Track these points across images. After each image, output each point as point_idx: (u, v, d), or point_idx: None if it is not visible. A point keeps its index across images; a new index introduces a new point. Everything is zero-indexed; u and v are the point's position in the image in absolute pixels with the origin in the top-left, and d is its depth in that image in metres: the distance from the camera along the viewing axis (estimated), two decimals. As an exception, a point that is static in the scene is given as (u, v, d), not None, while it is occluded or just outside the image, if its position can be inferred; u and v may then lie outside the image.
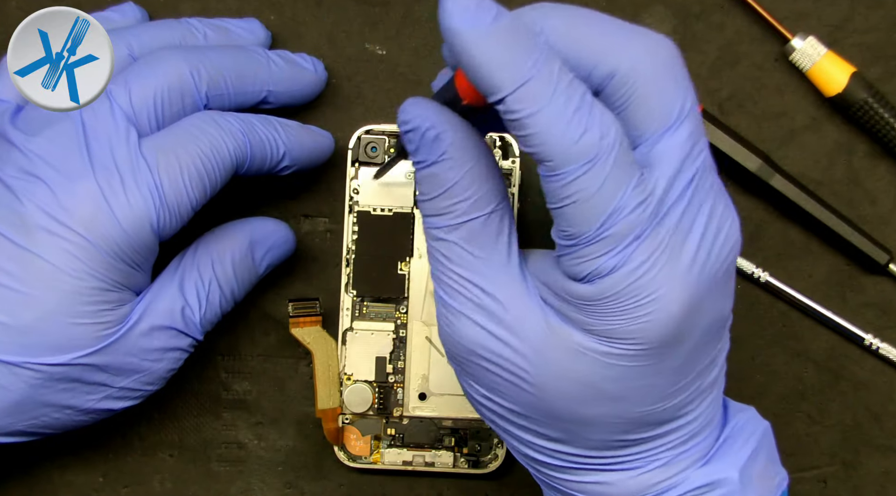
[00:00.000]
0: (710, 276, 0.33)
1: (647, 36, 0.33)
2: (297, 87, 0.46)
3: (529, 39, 0.31)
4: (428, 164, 0.34)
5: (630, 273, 0.32)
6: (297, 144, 0.45)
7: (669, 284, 0.32)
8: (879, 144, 0.48)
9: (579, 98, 0.31)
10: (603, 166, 0.31)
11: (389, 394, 0.47)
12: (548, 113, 0.31)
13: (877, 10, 0.48)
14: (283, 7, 0.49)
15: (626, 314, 0.32)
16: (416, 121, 0.34)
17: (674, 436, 0.36)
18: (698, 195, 0.33)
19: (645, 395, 0.34)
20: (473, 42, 0.31)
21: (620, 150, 0.31)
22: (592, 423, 0.35)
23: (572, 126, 0.31)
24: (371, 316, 0.48)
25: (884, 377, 0.48)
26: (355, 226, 0.47)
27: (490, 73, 0.31)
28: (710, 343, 0.35)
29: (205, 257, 0.44)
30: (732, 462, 0.36)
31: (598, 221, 0.32)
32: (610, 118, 0.32)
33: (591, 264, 0.32)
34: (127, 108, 0.41)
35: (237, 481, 0.49)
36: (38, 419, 0.41)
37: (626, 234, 0.32)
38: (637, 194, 0.32)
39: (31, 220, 0.39)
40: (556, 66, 0.31)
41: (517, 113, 0.31)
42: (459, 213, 0.34)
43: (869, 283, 0.48)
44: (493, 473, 0.47)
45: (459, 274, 0.35)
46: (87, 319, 0.40)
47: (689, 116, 0.33)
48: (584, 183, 0.31)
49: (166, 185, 0.40)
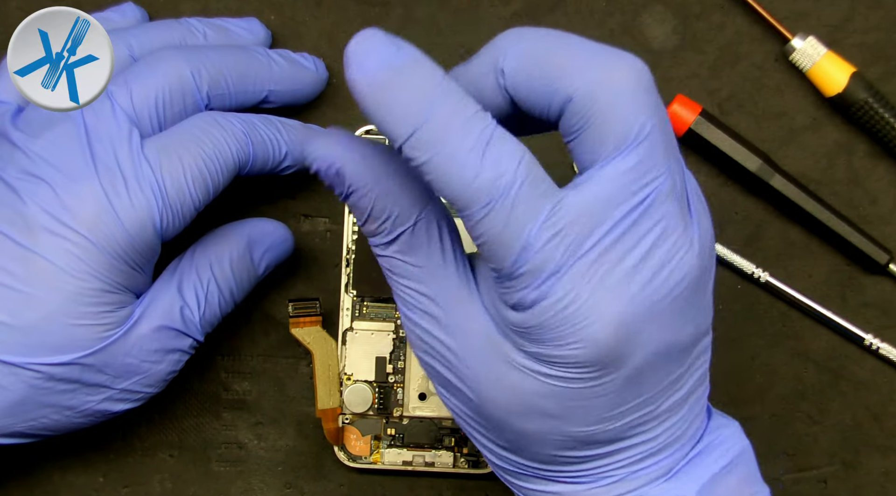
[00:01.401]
0: (649, 304, 0.32)
1: (611, 57, 0.32)
2: (298, 86, 0.46)
3: (426, 79, 0.31)
4: (344, 196, 0.35)
5: (552, 305, 0.31)
6: (299, 144, 0.45)
7: (599, 312, 0.31)
8: (879, 144, 0.48)
9: (474, 137, 0.31)
10: (503, 206, 0.31)
11: (389, 394, 0.47)
12: (440, 158, 0.31)
13: (877, 10, 0.48)
14: (283, 7, 0.49)
15: (555, 341, 0.32)
16: (318, 162, 0.34)
17: (625, 455, 0.35)
18: (641, 223, 0.32)
19: (583, 416, 0.34)
20: (366, 96, 0.31)
21: (524, 185, 0.31)
22: (532, 437, 0.34)
23: (465, 169, 0.31)
24: (371, 316, 0.48)
25: (884, 377, 0.48)
26: (355, 226, 0.47)
27: (385, 123, 0.31)
28: (664, 367, 0.34)
29: (202, 258, 0.44)
30: (694, 479, 0.35)
31: (510, 259, 0.31)
32: (512, 153, 0.31)
33: (514, 296, 0.32)
34: (128, 109, 0.41)
35: (237, 481, 0.49)
36: (38, 420, 0.41)
37: (541, 269, 0.31)
38: (548, 229, 0.31)
39: (34, 220, 0.39)
40: (448, 107, 0.31)
41: (414, 160, 0.31)
42: (386, 231, 0.35)
43: (869, 283, 0.48)
44: (493, 473, 0.47)
45: (405, 284, 0.35)
46: (89, 320, 0.40)
47: (647, 141, 0.32)
48: (488, 224, 0.31)
49: (169, 186, 0.40)
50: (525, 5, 0.49)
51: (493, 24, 0.49)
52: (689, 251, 0.33)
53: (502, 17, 0.49)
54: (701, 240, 0.33)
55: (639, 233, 0.32)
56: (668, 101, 0.48)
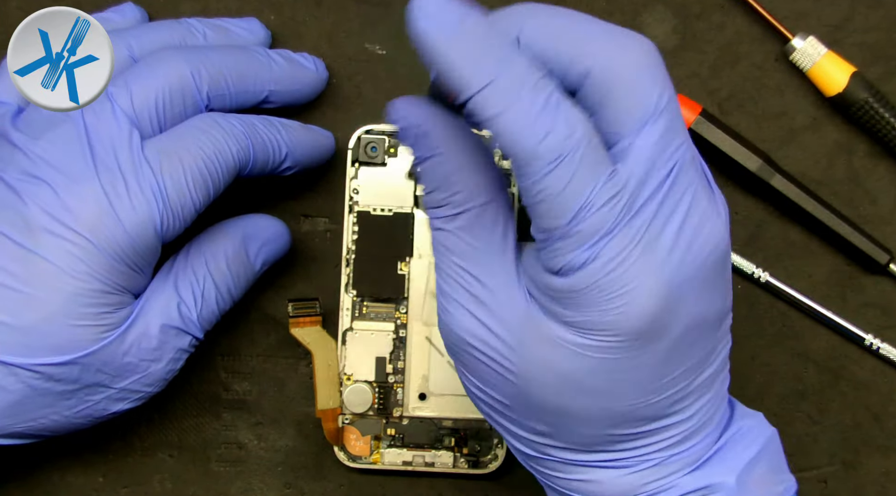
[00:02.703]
0: (688, 272, 0.33)
1: (623, 35, 0.33)
2: (298, 86, 0.46)
3: (495, 40, 0.31)
4: (423, 159, 0.35)
5: (602, 267, 0.32)
6: (299, 145, 0.45)
7: (643, 278, 0.32)
8: (880, 144, 0.48)
9: (545, 98, 0.31)
10: (569, 164, 0.31)
11: (389, 395, 0.47)
12: (512, 113, 0.31)
13: (877, 10, 0.48)
14: (283, 7, 0.49)
15: (600, 306, 0.33)
16: (406, 120, 0.35)
17: (665, 436, 0.36)
18: (675, 190, 0.33)
19: (626, 389, 0.34)
20: (439, 44, 0.31)
21: (588, 147, 0.32)
22: (576, 416, 0.35)
23: (537, 126, 0.31)
24: (371, 316, 0.48)
25: (884, 377, 0.48)
26: (355, 226, 0.47)
27: (455, 75, 0.31)
28: (698, 341, 0.35)
29: (197, 256, 0.44)
30: (730, 467, 0.36)
31: (567, 217, 0.32)
32: (577, 116, 0.32)
33: (563, 258, 0.33)
34: (129, 110, 0.41)
35: (237, 481, 0.49)
36: (38, 421, 0.41)
37: (596, 229, 0.32)
38: (607, 190, 0.32)
39: (35, 221, 0.39)
40: (521, 66, 0.31)
41: (483, 113, 0.31)
42: (456, 203, 0.35)
43: (869, 283, 0.48)
44: (493, 473, 0.47)
45: (457, 262, 0.35)
46: (89, 321, 0.40)
47: (665, 111, 0.33)
48: (552, 180, 0.32)
49: (170, 187, 0.40)
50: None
51: (493, 23, 0.49)
52: (718, 220, 0.34)
53: (502, 17, 0.49)
54: (725, 210, 0.34)
55: (674, 200, 0.33)
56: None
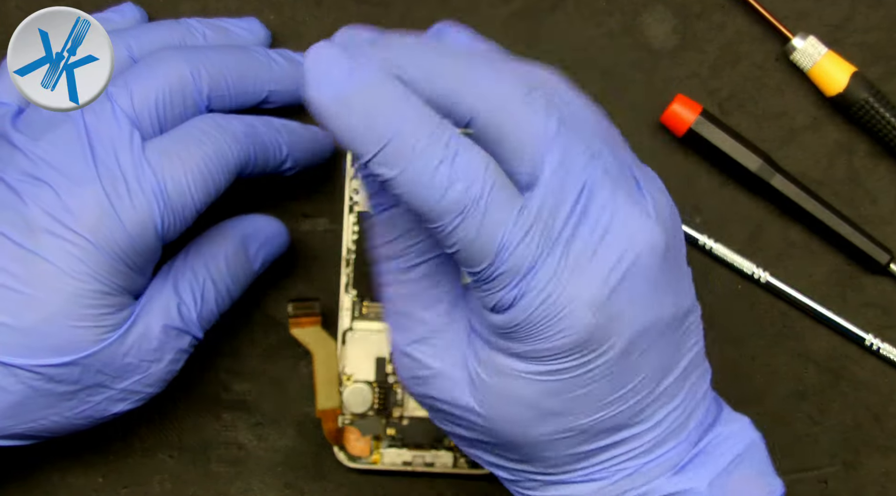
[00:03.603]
0: (620, 280, 0.32)
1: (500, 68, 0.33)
2: (298, 86, 0.46)
3: (387, 94, 0.31)
4: (386, 207, 0.35)
5: (533, 300, 0.32)
6: (299, 145, 0.45)
7: (575, 299, 0.32)
8: (880, 144, 0.48)
9: (442, 150, 0.31)
10: (475, 213, 0.31)
11: (389, 395, 0.47)
12: (409, 174, 0.31)
13: (877, 10, 0.48)
14: (283, 7, 0.49)
15: (540, 335, 0.33)
16: None
17: (634, 444, 0.35)
18: (591, 208, 0.32)
19: (584, 405, 0.34)
20: (331, 112, 0.31)
21: (492, 193, 0.31)
22: (546, 442, 0.35)
23: (436, 182, 0.31)
24: (371, 316, 0.48)
25: (884, 377, 0.48)
26: (355, 226, 0.47)
27: (350, 141, 0.31)
28: (652, 346, 0.34)
29: (196, 256, 0.44)
30: (706, 471, 0.36)
31: (488, 261, 0.32)
32: (477, 160, 0.31)
33: (493, 297, 0.33)
34: (129, 110, 0.41)
35: (237, 482, 0.49)
36: (38, 422, 0.41)
37: (518, 266, 0.32)
38: (520, 227, 0.32)
39: (35, 222, 0.39)
40: (414, 120, 0.31)
41: (381, 176, 0.31)
42: (417, 253, 0.35)
43: (869, 283, 0.48)
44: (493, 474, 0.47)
45: (411, 313, 0.35)
46: (89, 322, 0.40)
47: (558, 136, 0.32)
48: (462, 232, 0.31)
49: (170, 188, 0.40)
50: (524, 5, 0.49)
51: (493, 23, 0.48)
52: (648, 222, 0.33)
53: (501, 17, 0.49)
54: (657, 210, 0.34)
55: (592, 217, 0.32)
56: (668, 100, 0.48)
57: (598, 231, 0.32)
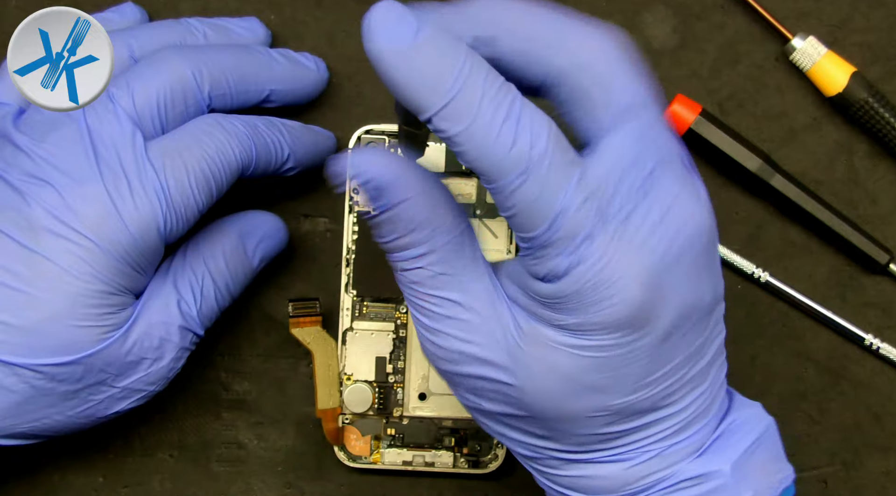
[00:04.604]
0: (672, 260, 0.33)
1: (592, 29, 0.33)
2: (299, 85, 0.46)
3: (453, 52, 0.31)
4: (388, 207, 0.34)
5: (586, 270, 0.32)
6: (301, 145, 0.45)
7: (627, 272, 0.32)
8: (880, 144, 0.48)
9: (506, 108, 0.31)
10: (537, 174, 0.31)
11: (389, 394, 0.47)
12: (474, 129, 0.31)
13: (877, 10, 0.48)
14: (283, 7, 0.49)
15: (589, 307, 0.33)
16: (366, 174, 0.34)
17: (661, 427, 0.36)
18: (653, 188, 0.33)
19: (623, 384, 0.34)
20: (394, 64, 0.31)
21: (555, 154, 0.31)
22: (577, 418, 0.35)
23: (501, 139, 0.31)
24: (371, 316, 0.48)
25: (884, 377, 0.48)
26: (355, 226, 0.47)
27: (414, 94, 0.31)
28: (690, 330, 0.35)
29: (195, 254, 0.44)
30: (726, 455, 0.36)
31: (545, 226, 0.32)
32: (541, 122, 0.31)
33: (546, 265, 0.33)
34: (130, 111, 0.41)
35: (237, 481, 0.49)
36: (40, 421, 0.41)
37: (575, 233, 0.32)
38: (579, 193, 0.32)
39: (38, 222, 0.39)
40: (481, 77, 0.31)
41: (445, 132, 0.31)
42: (427, 243, 0.35)
43: (869, 283, 0.48)
44: (493, 473, 0.47)
45: (432, 294, 0.35)
46: (91, 322, 0.40)
47: (640, 109, 0.33)
48: (522, 193, 0.31)
49: (173, 188, 0.40)
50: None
51: (494, 23, 0.48)
52: (701, 207, 0.34)
53: (502, 17, 0.49)
54: (705, 193, 0.34)
55: (656, 192, 0.33)
56: (668, 100, 0.48)
57: (658, 209, 0.33)
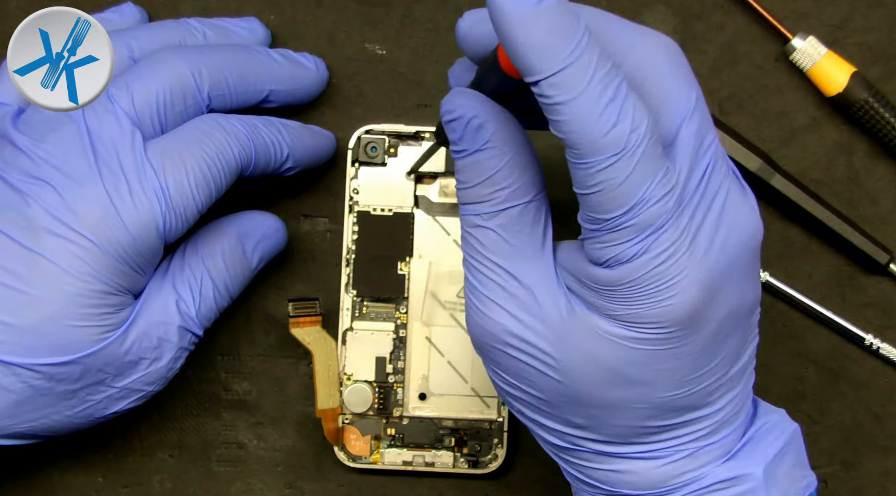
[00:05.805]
0: (727, 263, 0.34)
1: (652, 36, 0.34)
2: (298, 85, 0.46)
3: (573, 24, 0.31)
4: (470, 152, 0.35)
5: (651, 260, 0.33)
6: (301, 145, 0.45)
7: (689, 270, 0.33)
8: (880, 144, 0.48)
9: (614, 89, 0.31)
10: (630, 158, 0.32)
11: (389, 394, 0.47)
12: (581, 102, 0.31)
13: (877, 10, 0.48)
14: (283, 7, 0.49)
15: (647, 299, 0.33)
16: (461, 110, 0.35)
17: (697, 427, 0.36)
18: (713, 184, 0.34)
19: (667, 380, 0.34)
20: (517, 21, 0.31)
21: (650, 143, 0.32)
22: (616, 408, 0.35)
23: (604, 117, 0.31)
24: (371, 316, 0.48)
25: (884, 377, 0.48)
26: (355, 226, 0.47)
27: (529, 55, 0.31)
28: (732, 332, 0.35)
29: (194, 254, 0.44)
30: (757, 459, 0.36)
31: (622, 210, 0.32)
32: (642, 111, 0.32)
33: (612, 250, 0.33)
34: (130, 111, 0.41)
35: (237, 481, 0.49)
36: (39, 421, 0.41)
37: (649, 223, 0.32)
38: (663, 186, 0.32)
39: (38, 222, 0.39)
40: (595, 55, 0.31)
41: (551, 98, 0.31)
42: (499, 200, 0.35)
43: (869, 283, 0.48)
44: (493, 473, 0.47)
45: (492, 260, 0.35)
46: (90, 322, 0.40)
47: (697, 109, 0.34)
48: (611, 173, 0.32)
49: (172, 188, 0.41)
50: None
51: (494, 23, 0.48)
52: (752, 211, 0.35)
53: (502, 17, 0.49)
54: (755, 202, 0.35)
55: (712, 194, 0.34)
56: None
57: (717, 208, 0.33)
